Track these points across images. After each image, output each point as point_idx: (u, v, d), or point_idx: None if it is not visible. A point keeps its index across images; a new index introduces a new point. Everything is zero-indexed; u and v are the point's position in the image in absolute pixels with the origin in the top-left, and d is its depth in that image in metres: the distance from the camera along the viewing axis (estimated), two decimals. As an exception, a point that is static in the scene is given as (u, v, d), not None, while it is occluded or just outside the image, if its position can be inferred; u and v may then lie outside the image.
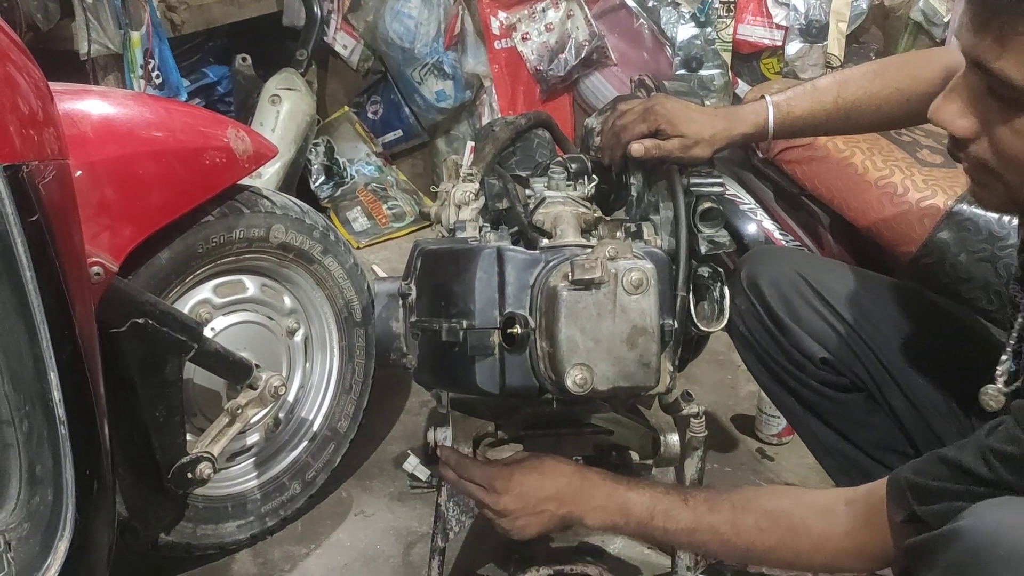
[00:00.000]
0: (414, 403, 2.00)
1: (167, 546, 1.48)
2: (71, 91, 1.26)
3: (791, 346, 1.38)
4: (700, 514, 1.09)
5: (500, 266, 1.18)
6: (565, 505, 1.14)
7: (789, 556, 1.06)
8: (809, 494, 1.11)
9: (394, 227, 2.97)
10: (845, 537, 1.00)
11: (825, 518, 1.03)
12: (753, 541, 1.05)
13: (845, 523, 1.01)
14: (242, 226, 1.47)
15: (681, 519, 1.09)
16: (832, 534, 1.02)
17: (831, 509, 1.03)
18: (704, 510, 1.09)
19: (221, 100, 2.92)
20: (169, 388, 1.36)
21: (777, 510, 1.06)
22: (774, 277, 1.40)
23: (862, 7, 2.51)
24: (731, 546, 1.07)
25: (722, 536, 1.07)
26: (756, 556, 1.10)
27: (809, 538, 1.03)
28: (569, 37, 2.85)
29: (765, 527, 1.05)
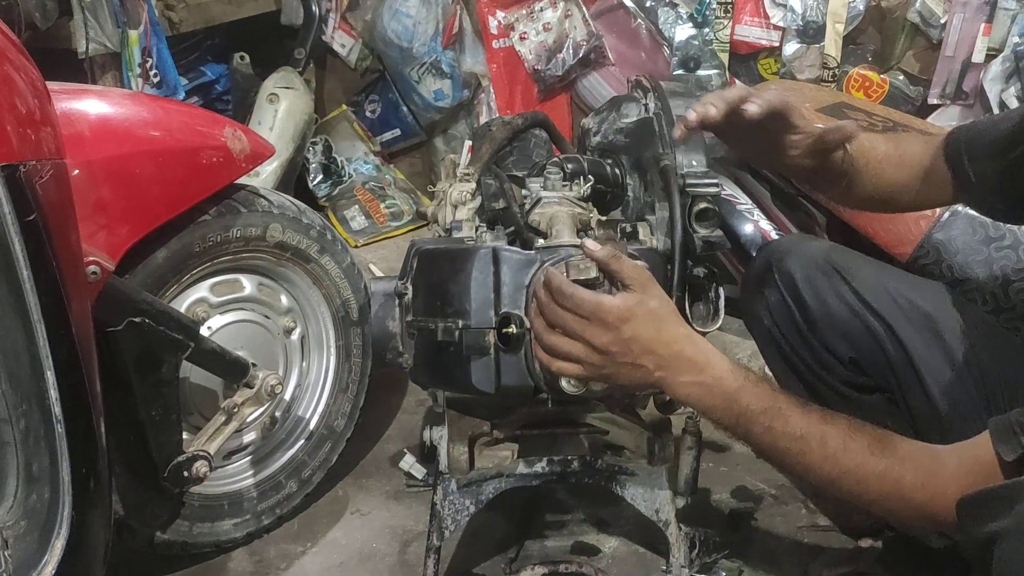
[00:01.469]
0: (411, 402, 2.00)
1: (163, 544, 1.48)
2: (68, 90, 1.27)
3: (819, 345, 1.34)
4: (813, 421, 1.03)
5: (496, 266, 1.18)
6: (664, 370, 1.05)
7: (888, 486, 1.01)
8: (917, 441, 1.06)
9: (392, 226, 2.97)
10: (950, 480, 0.96)
11: (933, 458, 1.00)
12: (860, 463, 1.01)
13: (951, 466, 0.97)
14: (239, 225, 1.47)
15: (793, 421, 1.03)
16: (938, 473, 0.98)
17: (938, 452, 1.00)
18: (817, 419, 1.03)
19: (219, 99, 2.92)
20: (165, 387, 1.37)
21: (891, 437, 1.02)
22: (808, 270, 1.36)
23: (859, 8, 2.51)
24: (833, 462, 1.02)
25: (828, 449, 1.02)
26: (853, 480, 1.03)
27: (916, 472, 0.99)
28: (567, 37, 2.85)
29: (877, 451, 1.01)
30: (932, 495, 0.98)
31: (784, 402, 1.05)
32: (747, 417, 1.04)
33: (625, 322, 1.04)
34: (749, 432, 1.06)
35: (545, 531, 1.62)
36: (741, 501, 1.71)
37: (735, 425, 1.07)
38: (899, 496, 1.01)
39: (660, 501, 1.42)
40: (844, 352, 1.32)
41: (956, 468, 0.97)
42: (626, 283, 1.06)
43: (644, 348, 1.04)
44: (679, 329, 1.07)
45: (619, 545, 1.59)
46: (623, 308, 1.04)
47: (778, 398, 1.05)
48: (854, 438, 1.02)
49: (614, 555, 1.57)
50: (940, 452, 1.00)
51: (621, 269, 1.07)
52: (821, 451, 1.02)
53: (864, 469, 1.01)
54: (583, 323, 1.05)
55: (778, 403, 1.04)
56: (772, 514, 1.68)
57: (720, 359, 1.07)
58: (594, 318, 1.04)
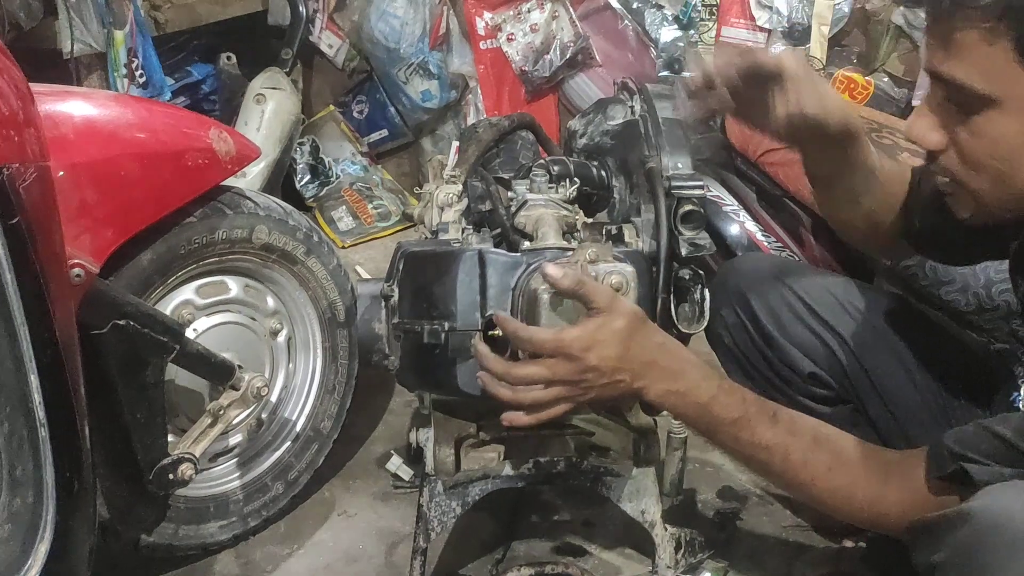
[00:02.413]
0: (397, 403, 2.00)
1: (149, 547, 1.48)
2: (52, 92, 1.26)
3: (779, 361, 1.38)
4: (780, 433, 1.07)
5: (482, 268, 1.19)
6: (641, 379, 1.08)
7: (840, 502, 1.07)
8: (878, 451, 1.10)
9: (379, 227, 2.97)
10: (893, 503, 1.02)
11: (882, 479, 1.03)
12: (816, 478, 1.06)
13: (894, 488, 1.02)
14: (225, 227, 1.47)
15: (759, 432, 1.07)
16: (885, 496, 1.03)
17: (888, 472, 1.04)
18: (784, 431, 1.08)
19: (206, 99, 2.91)
20: (151, 389, 1.36)
21: (849, 457, 1.07)
22: (761, 289, 1.40)
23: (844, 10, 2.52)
24: (793, 474, 1.07)
25: (789, 463, 1.07)
26: (809, 492, 1.09)
27: (866, 492, 1.04)
28: (554, 38, 2.85)
29: (835, 468, 1.06)
30: (878, 514, 1.04)
31: (754, 412, 1.08)
32: (716, 426, 1.08)
33: (589, 350, 1.05)
34: (717, 439, 1.11)
35: (531, 532, 1.63)
36: (727, 501, 1.71)
37: (706, 432, 1.11)
38: (849, 511, 1.07)
39: (646, 502, 1.42)
40: (803, 367, 1.37)
41: (898, 489, 1.02)
42: (591, 305, 1.07)
43: (615, 367, 1.06)
44: (651, 340, 1.09)
45: (605, 546, 1.60)
46: (584, 337, 1.05)
47: (748, 408, 1.08)
48: (815, 454, 1.06)
49: (600, 556, 1.58)
50: (890, 471, 1.04)
51: (586, 293, 1.07)
52: (783, 464, 1.07)
53: (820, 485, 1.07)
54: (550, 363, 1.06)
55: (748, 414, 1.08)
56: (758, 514, 1.69)
57: (694, 367, 1.09)
58: (558, 354, 1.05)
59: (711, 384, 1.08)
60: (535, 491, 1.70)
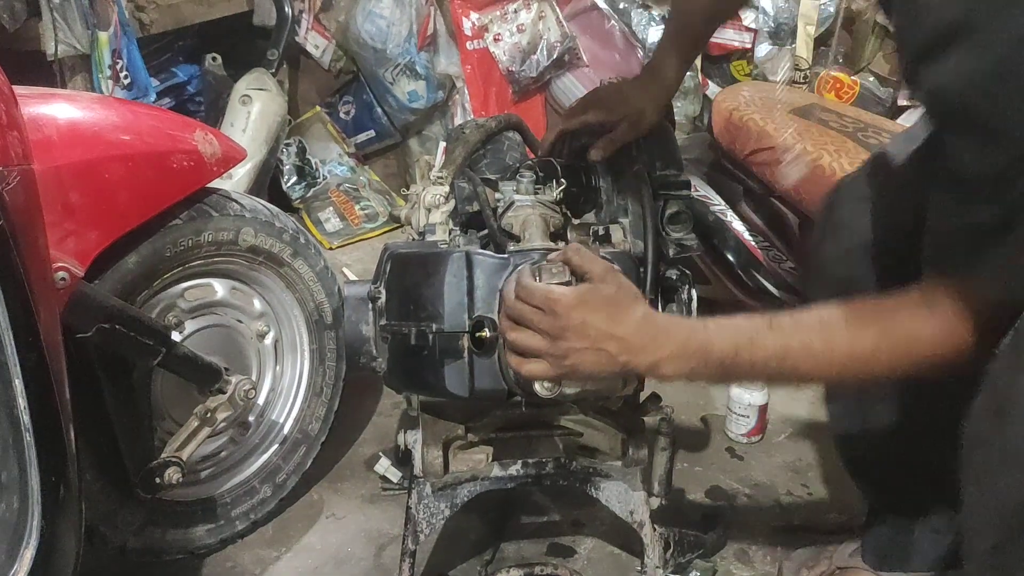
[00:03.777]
0: (386, 405, 1.99)
1: (135, 551, 1.47)
2: (36, 95, 1.25)
3: None
4: (787, 335, 1.01)
5: (469, 270, 1.18)
6: (629, 354, 1.04)
7: (887, 357, 0.99)
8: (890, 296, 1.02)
9: (367, 228, 2.96)
10: (936, 318, 0.96)
11: (909, 306, 0.98)
12: (851, 349, 1.00)
13: (925, 303, 0.97)
14: (210, 229, 1.46)
15: (768, 345, 1.01)
16: (921, 316, 0.97)
17: (911, 299, 0.99)
18: (791, 330, 1.02)
19: (191, 100, 2.90)
20: (137, 393, 1.36)
21: (865, 309, 1.01)
22: None
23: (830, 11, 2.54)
24: (826, 361, 1.01)
25: (815, 352, 1.01)
26: (856, 367, 1.01)
27: (904, 328, 0.98)
28: (541, 38, 2.86)
29: (857, 330, 1.00)
30: (931, 340, 0.97)
31: (751, 330, 1.03)
32: (727, 363, 1.03)
33: (573, 308, 1.03)
34: (739, 374, 1.05)
35: (520, 533, 1.63)
36: (715, 501, 1.72)
37: (721, 375, 1.05)
38: (903, 362, 0.99)
39: (634, 502, 1.42)
40: None
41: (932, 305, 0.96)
42: (585, 275, 1.07)
43: (600, 333, 1.03)
44: (635, 312, 1.05)
45: (594, 546, 1.60)
46: (572, 295, 1.04)
47: (742, 330, 1.03)
48: (832, 329, 1.01)
49: (589, 556, 1.58)
50: (912, 299, 0.98)
51: (581, 263, 1.07)
52: (809, 358, 1.01)
53: (859, 353, 1.00)
54: (537, 313, 1.05)
55: (747, 335, 1.03)
56: (746, 514, 1.69)
57: (678, 325, 1.06)
58: (545, 307, 1.04)
59: (698, 331, 1.04)
60: (524, 492, 1.70)
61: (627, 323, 1.04)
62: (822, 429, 1.97)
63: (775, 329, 1.02)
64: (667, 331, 1.05)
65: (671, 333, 1.04)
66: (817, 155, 2.00)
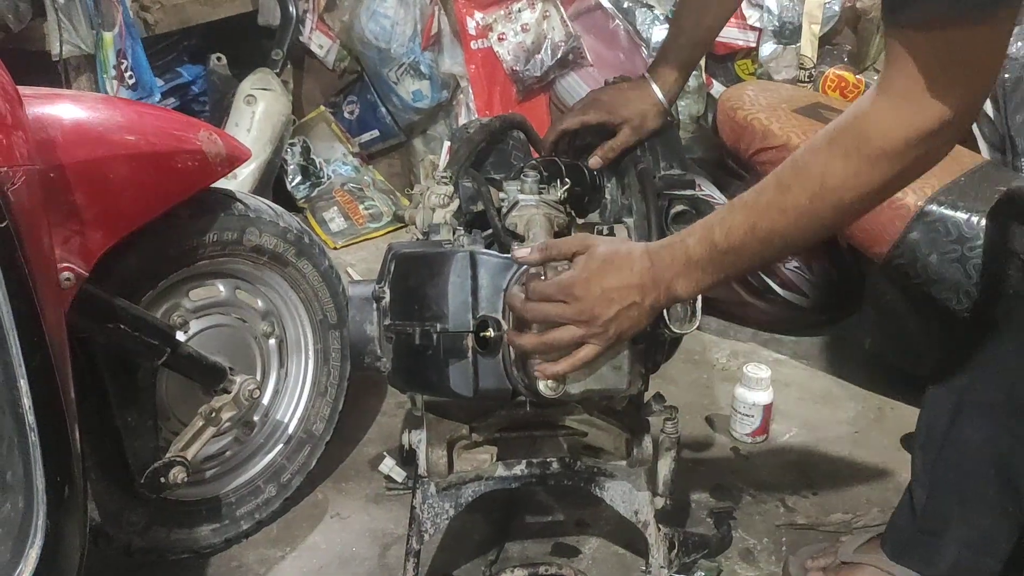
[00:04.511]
0: (390, 405, 2.00)
1: (140, 550, 1.47)
2: (41, 95, 1.25)
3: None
4: (750, 204, 1.01)
5: (473, 270, 1.19)
6: (649, 293, 1.07)
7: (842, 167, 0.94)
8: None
9: (371, 227, 2.96)
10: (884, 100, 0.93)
11: (855, 104, 0.96)
12: (805, 183, 0.97)
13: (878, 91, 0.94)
14: (215, 229, 1.46)
15: (739, 222, 1.01)
16: (875, 107, 0.93)
17: (864, 96, 0.96)
18: (752, 197, 1.02)
19: (196, 100, 2.90)
20: (141, 393, 1.36)
21: (813, 138, 0.98)
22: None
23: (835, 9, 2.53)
24: (794, 207, 0.98)
25: (779, 205, 0.99)
26: (820, 197, 0.97)
27: (859, 127, 0.94)
28: (545, 38, 2.85)
29: (806, 158, 0.97)
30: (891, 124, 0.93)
31: (716, 221, 1.04)
32: (715, 259, 1.04)
33: (589, 283, 1.07)
34: (733, 265, 1.05)
35: (525, 533, 1.63)
36: (720, 501, 1.71)
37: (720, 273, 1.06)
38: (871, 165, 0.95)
39: (639, 502, 1.42)
40: None
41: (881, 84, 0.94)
42: (568, 256, 1.10)
43: (620, 291, 1.07)
44: (633, 254, 1.08)
45: (599, 546, 1.60)
46: (577, 275, 1.08)
47: (710, 223, 1.05)
48: (786, 174, 0.99)
49: (594, 556, 1.58)
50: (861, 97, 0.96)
51: (560, 252, 1.11)
52: (781, 215, 0.99)
53: (817, 172, 0.97)
54: (559, 305, 1.08)
55: (715, 229, 1.03)
56: (751, 513, 1.69)
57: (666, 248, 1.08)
58: (564, 296, 1.08)
59: (678, 249, 1.07)
60: (528, 492, 1.70)
61: (634, 268, 1.07)
62: (827, 428, 1.97)
63: (738, 207, 1.03)
64: (660, 258, 1.07)
65: (664, 259, 1.07)
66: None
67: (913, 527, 1.39)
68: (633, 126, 1.45)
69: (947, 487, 1.34)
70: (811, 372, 2.19)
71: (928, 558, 1.37)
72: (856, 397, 2.09)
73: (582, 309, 1.07)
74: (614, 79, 1.60)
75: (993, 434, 1.28)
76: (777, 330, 2.31)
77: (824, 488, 1.77)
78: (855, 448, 1.90)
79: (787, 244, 1.04)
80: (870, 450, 1.90)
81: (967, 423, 1.30)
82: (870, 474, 1.82)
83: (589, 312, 1.07)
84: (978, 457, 1.30)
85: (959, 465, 1.32)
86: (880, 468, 1.84)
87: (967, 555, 1.33)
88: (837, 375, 2.17)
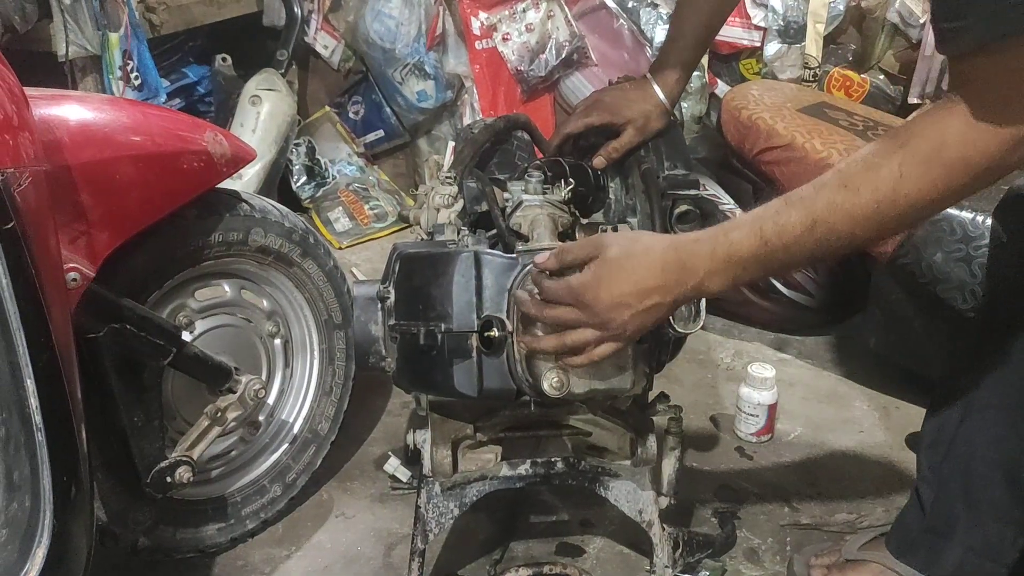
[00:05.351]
0: (395, 404, 2.00)
1: (147, 550, 1.48)
2: (47, 96, 1.26)
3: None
4: (808, 203, 0.98)
5: (477, 270, 1.19)
6: (672, 291, 1.04)
7: (918, 175, 0.93)
8: None
9: (376, 227, 2.97)
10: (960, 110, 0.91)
11: (929, 113, 0.94)
12: (877, 184, 0.94)
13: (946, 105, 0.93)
14: (220, 230, 1.46)
15: (794, 220, 0.98)
16: (943, 119, 0.93)
17: (932, 109, 0.95)
18: (811, 197, 0.98)
19: (201, 100, 2.91)
20: (147, 392, 1.36)
21: (884, 140, 0.97)
22: None
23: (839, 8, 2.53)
24: (858, 209, 0.96)
25: (842, 206, 0.96)
26: (890, 201, 0.95)
27: (927, 139, 0.94)
28: (549, 38, 2.86)
29: (880, 162, 0.95)
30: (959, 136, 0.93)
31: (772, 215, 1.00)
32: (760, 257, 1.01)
33: (599, 291, 1.05)
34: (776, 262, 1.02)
35: (529, 533, 1.63)
36: (724, 501, 1.72)
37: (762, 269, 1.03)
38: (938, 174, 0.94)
39: (643, 502, 1.42)
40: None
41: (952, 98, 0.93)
42: (581, 260, 1.09)
43: (635, 295, 1.05)
44: (653, 253, 1.05)
45: (603, 546, 1.60)
46: (587, 280, 1.06)
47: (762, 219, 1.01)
48: (850, 175, 0.97)
49: (598, 556, 1.58)
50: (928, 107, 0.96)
51: (576, 257, 1.09)
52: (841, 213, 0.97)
53: (885, 185, 0.95)
54: (572, 310, 1.08)
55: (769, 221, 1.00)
56: (755, 513, 1.69)
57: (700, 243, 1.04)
58: (574, 302, 1.08)
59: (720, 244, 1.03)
60: (533, 492, 1.70)
61: (651, 269, 1.05)
62: (832, 428, 1.97)
63: (794, 203, 1.00)
64: (693, 254, 1.04)
65: (697, 254, 1.04)
66: (827, 154, 1.99)
67: (920, 527, 1.38)
68: (637, 127, 1.45)
69: (954, 489, 1.34)
70: (816, 372, 2.19)
71: (933, 559, 1.37)
72: (861, 397, 2.09)
73: (593, 315, 1.07)
74: (618, 79, 1.60)
75: (1001, 436, 1.28)
76: (782, 330, 2.31)
77: (829, 488, 1.77)
78: (860, 448, 1.90)
79: (843, 246, 1.01)
80: (875, 450, 1.89)
81: (975, 424, 1.30)
82: (875, 474, 1.82)
83: (601, 317, 1.07)
84: (986, 460, 1.30)
85: (966, 467, 1.32)
86: (885, 468, 1.84)
87: (972, 559, 1.33)
88: (842, 375, 2.17)
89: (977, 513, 1.32)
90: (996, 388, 1.27)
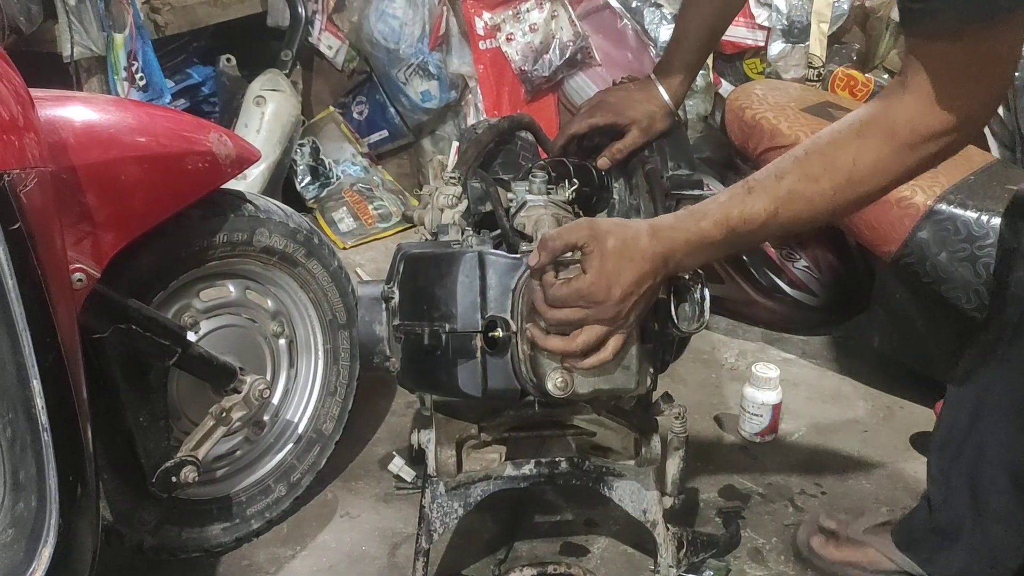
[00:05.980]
0: (399, 404, 2.00)
1: (152, 549, 1.48)
2: (52, 97, 1.26)
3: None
4: (771, 191, 1.05)
5: (482, 270, 1.19)
6: (659, 273, 1.11)
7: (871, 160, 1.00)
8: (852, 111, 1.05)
9: (380, 227, 2.97)
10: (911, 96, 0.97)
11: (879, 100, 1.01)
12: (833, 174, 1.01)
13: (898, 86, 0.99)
14: (225, 230, 1.47)
15: (757, 209, 1.05)
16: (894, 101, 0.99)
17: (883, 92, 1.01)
18: (772, 184, 1.05)
19: (206, 101, 2.91)
20: (153, 393, 1.37)
21: (835, 127, 1.03)
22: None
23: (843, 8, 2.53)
24: (819, 196, 1.03)
25: (804, 194, 1.03)
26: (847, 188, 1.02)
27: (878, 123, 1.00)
28: (553, 38, 2.86)
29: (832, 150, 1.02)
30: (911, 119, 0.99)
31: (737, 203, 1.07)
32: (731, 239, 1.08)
33: (608, 286, 1.08)
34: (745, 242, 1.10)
35: (534, 532, 1.63)
36: (728, 500, 1.72)
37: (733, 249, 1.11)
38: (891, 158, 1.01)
39: (647, 501, 1.43)
40: None
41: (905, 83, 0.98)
42: (576, 246, 1.10)
43: (636, 282, 1.09)
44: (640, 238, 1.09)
45: (607, 545, 1.60)
46: (597, 280, 1.08)
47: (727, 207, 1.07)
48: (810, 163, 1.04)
49: (603, 556, 1.58)
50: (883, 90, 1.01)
51: (565, 243, 1.10)
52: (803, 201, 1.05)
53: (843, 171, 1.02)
54: (582, 311, 1.10)
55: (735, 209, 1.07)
56: (759, 513, 1.69)
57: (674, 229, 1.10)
58: (586, 303, 1.09)
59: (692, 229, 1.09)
60: (537, 491, 1.70)
61: (644, 255, 1.09)
62: (836, 428, 1.97)
63: (756, 191, 1.06)
64: (671, 240, 1.10)
65: (675, 240, 1.10)
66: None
67: (927, 526, 1.39)
68: (641, 127, 1.45)
69: (962, 492, 1.34)
70: (820, 371, 2.19)
71: (935, 558, 1.37)
72: (865, 396, 2.09)
73: (605, 311, 1.09)
74: (622, 79, 1.60)
75: (1008, 439, 1.28)
76: (786, 329, 2.31)
77: (833, 487, 1.77)
78: (864, 447, 1.90)
79: (802, 227, 1.11)
80: (879, 449, 1.89)
81: (986, 426, 1.30)
82: (879, 473, 1.82)
83: (612, 311, 1.09)
84: (993, 463, 1.30)
85: (974, 470, 1.32)
86: (889, 467, 1.84)
87: (975, 565, 1.33)
88: (846, 374, 2.17)
89: (983, 517, 1.32)
90: (1005, 392, 1.28)
